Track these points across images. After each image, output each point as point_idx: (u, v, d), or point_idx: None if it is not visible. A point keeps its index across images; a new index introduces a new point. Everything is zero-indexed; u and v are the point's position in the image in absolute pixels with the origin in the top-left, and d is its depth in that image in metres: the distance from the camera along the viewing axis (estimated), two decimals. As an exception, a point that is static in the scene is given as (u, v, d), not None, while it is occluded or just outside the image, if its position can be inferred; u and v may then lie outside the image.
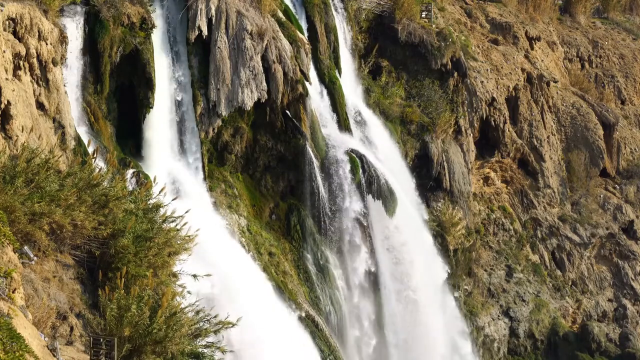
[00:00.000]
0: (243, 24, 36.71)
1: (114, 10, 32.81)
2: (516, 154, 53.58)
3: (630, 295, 55.28)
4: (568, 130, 57.91)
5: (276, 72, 37.38)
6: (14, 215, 18.00)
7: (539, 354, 50.55)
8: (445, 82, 48.51)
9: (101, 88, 33.01)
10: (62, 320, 17.98)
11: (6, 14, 26.76)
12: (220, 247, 33.09)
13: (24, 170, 19.16)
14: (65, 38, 30.65)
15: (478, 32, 56.58)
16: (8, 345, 13.13)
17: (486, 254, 51.25)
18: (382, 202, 40.94)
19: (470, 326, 47.51)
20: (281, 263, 37.62)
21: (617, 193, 58.33)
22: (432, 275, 44.39)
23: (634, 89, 64.86)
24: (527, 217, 54.06)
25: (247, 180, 38.82)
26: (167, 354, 18.00)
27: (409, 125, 46.51)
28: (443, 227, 46.50)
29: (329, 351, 36.58)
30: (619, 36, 67.90)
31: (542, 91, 56.07)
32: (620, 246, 56.02)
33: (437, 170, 46.73)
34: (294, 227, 39.02)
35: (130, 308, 17.63)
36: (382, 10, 48.20)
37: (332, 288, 39.35)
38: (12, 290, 15.34)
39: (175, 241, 20.90)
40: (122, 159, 32.34)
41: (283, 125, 38.53)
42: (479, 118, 51.38)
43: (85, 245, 19.95)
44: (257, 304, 32.32)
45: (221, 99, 36.31)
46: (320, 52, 42.19)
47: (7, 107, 25.68)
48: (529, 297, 51.01)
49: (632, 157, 60.64)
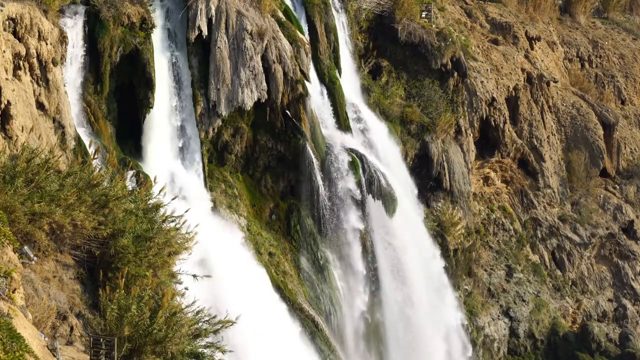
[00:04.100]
0: (243, 24, 36.71)
1: (114, 10, 32.81)
2: (516, 154, 53.58)
3: (630, 295, 55.28)
4: (568, 130, 57.91)
5: (276, 72, 37.37)
6: (14, 215, 18.00)
7: (539, 354, 50.54)
8: (445, 82, 48.51)
9: (101, 88, 33.01)
10: (62, 320, 17.97)
11: (6, 14, 26.77)
12: (220, 247, 33.10)
13: (24, 170, 19.15)
14: (65, 38, 30.66)
15: (478, 32, 56.57)
16: (8, 345, 13.13)
17: (486, 254, 51.25)
18: (382, 202, 40.95)
19: (471, 326, 47.50)
20: (281, 263, 37.62)
21: (617, 193, 58.32)
22: (432, 275, 44.38)
23: (634, 89, 64.86)
24: (527, 217, 54.06)
25: (247, 180, 38.81)
26: (167, 354, 17.99)
27: (409, 125, 46.51)
28: (443, 227, 46.50)
29: (329, 351, 36.58)
30: (619, 36, 67.90)
31: (542, 91, 56.06)
32: (620, 246, 56.01)
33: (437, 170, 46.74)
34: (294, 227, 39.02)
35: (130, 308, 17.62)
36: (382, 10, 48.20)
37: (332, 288, 39.35)
38: (12, 290, 15.34)
39: (175, 241, 20.89)
40: (122, 159, 32.34)
41: (283, 125, 38.52)
42: (479, 118, 51.37)
43: (85, 245, 19.93)
44: (256, 303, 32.33)
45: (221, 99, 36.31)
46: (320, 52, 42.19)
47: (7, 107, 25.69)
48: (529, 297, 51.01)
49: (632, 157, 60.63)
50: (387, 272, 41.63)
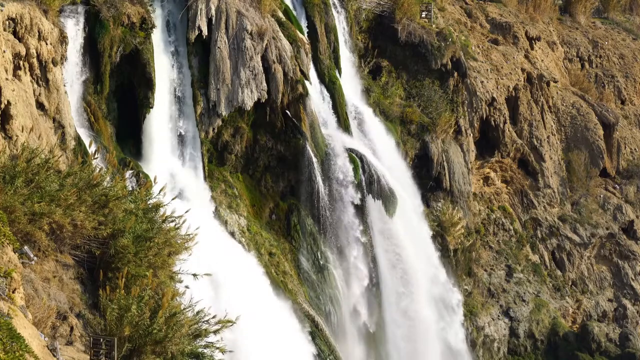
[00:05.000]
0: (243, 24, 36.72)
1: (114, 10, 32.80)
2: (516, 154, 53.59)
3: (630, 295, 55.28)
4: (568, 130, 57.91)
5: (276, 72, 37.38)
6: (14, 215, 18.00)
7: (539, 354, 50.53)
8: (445, 82, 48.51)
9: (101, 88, 33.02)
10: (62, 320, 17.97)
11: (6, 14, 26.77)
12: (220, 246, 33.12)
13: (24, 170, 19.15)
14: (65, 38, 30.66)
15: (478, 32, 56.57)
16: (8, 345, 13.13)
17: (486, 254, 51.25)
18: (382, 202, 40.95)
19: (471, 326, 47.49)
20: (281, 263, 37.62)
21: (617, 193, 58.32)
22: (431, 275, 44.37)
23: (634, 89, 64.85)
24: (527, 217, 54.06)
25: (247, 180, 38.81)
26: (167, 354, 18.00)
27: (409, 125, 46.51)
28: (443, 227, 46.50)
29: (329, 351, 36.58)
30: (619, 36, 67.88)
31: (542, 91, 56.07)
32: (620, 246, 56.01)
33: (437, 170, 46.75)
34: (294, 227, 39.02)
35: (130, 308, 17.63)
36: (382, 10, 48.19)
37: (332, 288, 39.35)
38: (12, 290, 15.34)
39: (175, 241, 20.89)
40: (122, 159, 32.34)
41: (283, 125, 38.52)
42: (479, 118, 51.38)
43: (85, 245, 19.93)
44: (256, 303, 32.33)
45: (221, 99, 36.32)
46: (320, 52, 42.18)
47: (7, 107, 25.70)
48: (529, 297, 51.01)
49: (632, 157, 60.63)
50: (387, 272, 41.62)
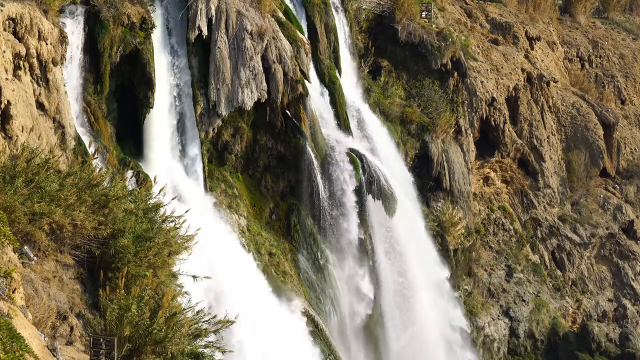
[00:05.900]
0: (243, 24, 36.72)
1: (114, 10, 32.80)
2: (516, 154, 53.59)
3: (630, 295, 55.28)
4: (568, 130, 57.91)
5: (276, 72, 37.38)
6: (14, 215, 18.00)
7: (539, 354, 50.54)
8: (445, 82, 48.51)
9: (101, 88, 33.01)
10: (62, 320, 17.98)
11: (6, 13, 26.77)
12: (220, 247, 33.10)
13: (24, 170, 19.16)
14: (65, 38, 30.65)
15: (478, 32, 56.57)
16: (8, 345, 13.13)
17: (486, 254, 51.25)
18: (382, 202, 40.94)
19: (471, 326, 47.50)
20: (281, 263, 37.62)
21: (617, 193, 58.32)
22: (431, 275, 44.38)
23: (634, 89, 64.84)
24: (527, 217, 54.06)
25: (247, 180, 38.81)
26: (167, 354, 18.01)
27: (409, 125, 46.51)
28: (443, 227, 46.50)
29: (329, 351, 36.58)
30: (619, 36, 67.87)
31: (542, 91, 56.07)
32: (620, 246, 56.01)
33: (437, 170, 46.74)
34: (294, 227, 39.02)
35: (130, 308, 17.63)
36: (382, 10, 48.19)
37: (332, 288, 39.35)
38: (12, 290, 15.35)
39: (174, 241, 20.90)
40: (122, 159, 32.33)
41: (283, 125, 38.53)
42: (479, 118, 51.38)
43: (85, 245, 19.94)
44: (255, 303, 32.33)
45: (221, 99, 36.32)
46: (320, 52, 42.18)
47: (7, 107, 25.69)
48: (529, 297, 51.01)
49: (632, 157, 60.62)
50: (387, 273, 41.63)
